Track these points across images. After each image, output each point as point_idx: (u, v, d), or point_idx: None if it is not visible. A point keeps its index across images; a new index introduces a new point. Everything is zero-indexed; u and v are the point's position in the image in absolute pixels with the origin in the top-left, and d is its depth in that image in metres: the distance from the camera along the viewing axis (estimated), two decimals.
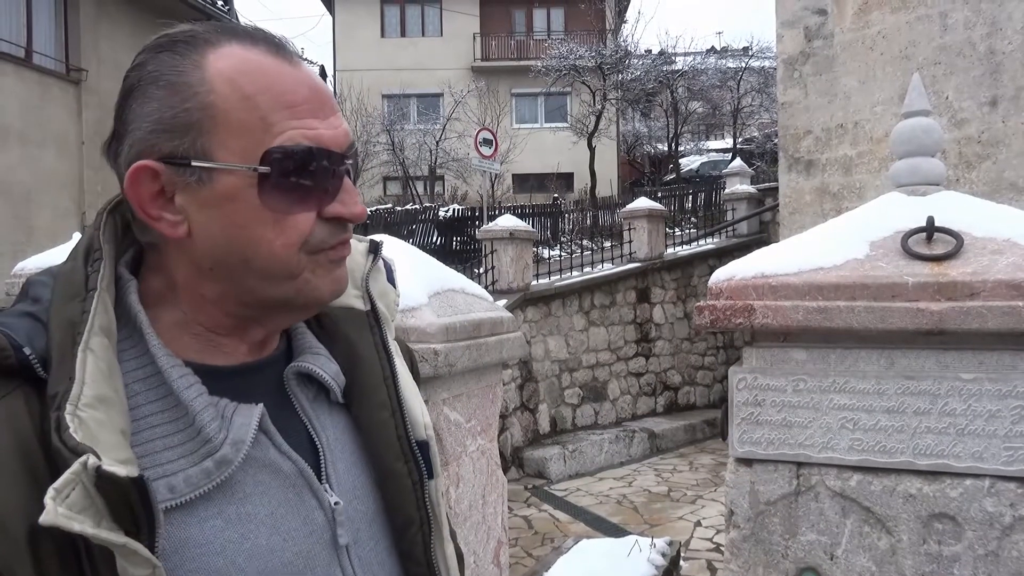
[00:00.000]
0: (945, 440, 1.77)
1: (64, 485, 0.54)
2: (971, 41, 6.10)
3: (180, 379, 0.66)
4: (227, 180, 0.65)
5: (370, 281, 0.85)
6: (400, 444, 0.79)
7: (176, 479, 0.64)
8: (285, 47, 0.69)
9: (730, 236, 11.62)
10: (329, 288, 0.72)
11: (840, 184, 7.12)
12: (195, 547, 0.64)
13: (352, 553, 0.74)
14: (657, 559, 3.91)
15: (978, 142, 6.08)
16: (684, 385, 10.18)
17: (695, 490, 7.09)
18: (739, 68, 22.33)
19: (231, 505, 0.67)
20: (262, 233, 0.67)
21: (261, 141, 0.65)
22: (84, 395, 0.59)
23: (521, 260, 8.40)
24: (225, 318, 0.71)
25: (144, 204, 0.67)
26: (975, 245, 1.83)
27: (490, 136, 13.16)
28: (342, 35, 25.10)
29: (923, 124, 2.05)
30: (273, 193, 0.66)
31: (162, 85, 0.66)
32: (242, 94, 0.65)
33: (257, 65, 0.67)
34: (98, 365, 0.61)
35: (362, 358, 0.80)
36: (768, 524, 1.96)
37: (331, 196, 0.69)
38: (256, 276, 0.68)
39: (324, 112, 0.69)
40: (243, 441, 0.67)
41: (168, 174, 0.66)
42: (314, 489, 0.73)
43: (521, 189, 22.54)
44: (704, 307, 2.01)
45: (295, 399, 0.76)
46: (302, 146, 0.66)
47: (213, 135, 0.65)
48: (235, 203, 0.66)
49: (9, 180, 8.83)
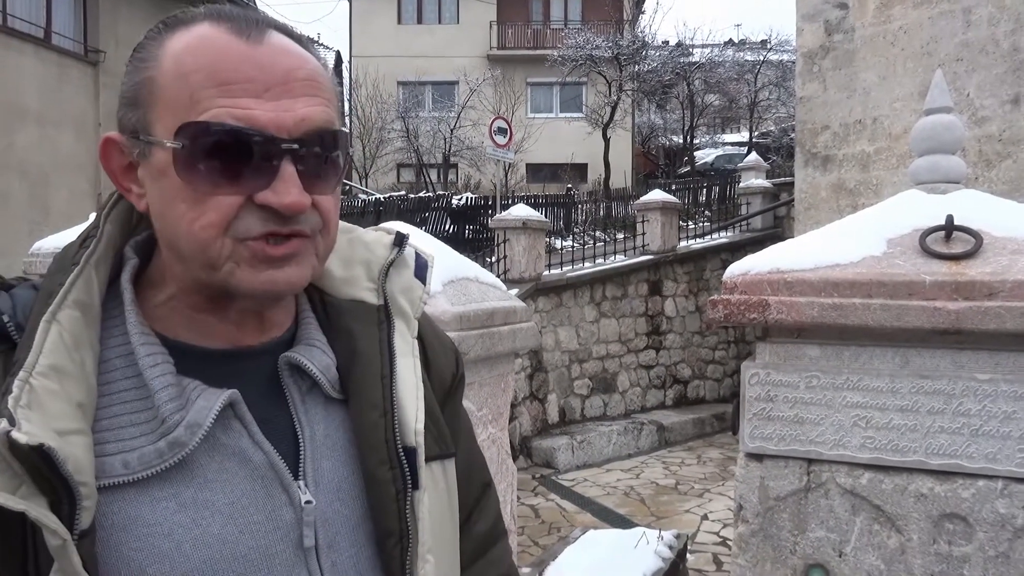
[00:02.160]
0: (959, 440, 1.76)
1: None
2: (995, 38, 6.02)
3: (147, 356, 0.66)
4: (159, 155, 0.66)
5: (391, 275, 0.81)
6: (387, 448, 0.74)
7: (131, 456, 0.64)
8: (254, 27, 0.67)
9: (744, 230, 11.55)
10: (258, 285, 0.67)
11: (857, 180, 7.07)
12: (143, 526, 0.63)
13: (323, 556, 0.70)
14: (664, 551, 3.92)
15: (999, 140, 6.01)
16: (694, 379, 10.16)
17: (703, 484, 7.10)
18: (757, 61, 22.13)
19: (188, 489, 0.66)
20: (182, 212, 0.65)
21: (185, 117, 0.64)
22: (39, 364, 0.60)
23: (533, 250, 8.39)
24: (195, 296, 0.70)
25: (116, 175, 0.70)
26: (994, 245, 1.82)
27: (505, 125, 13.13)
28: (358, 21, 25.06)
29: (944, 121, 2.03)
30: (189, 170, 0.64)
31: (133, 60, 0.69)
32: (179, 71, 0.65)
33: (206, 43, 0.66)
34: (62, 337, 0.62)
35: (360, 353, 0.76)
36: (777, 520, 1.96)
37: (263, 182, 0.65)
38: (186, 255, 0.67)
39: (273, 93, 0.65)
40: (199, 425, 0.65)
41: (127, 146, 0.68)
42: (285, 484, 0.70)
43: (535, 179, 22.51)
44: (718, 301, 2.01)
45: (287, 390, 0.73)
46: (221, 124, 0.63)
47: (152, 110, 0.66)
48: (165, 179, 0.66)
49: (27, 160, 8.90)
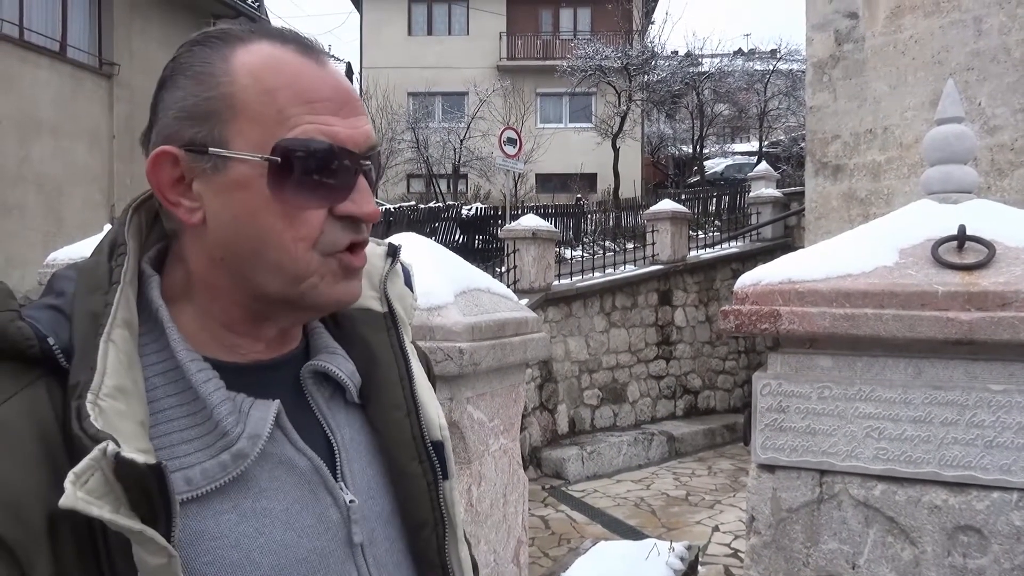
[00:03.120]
0: (972, 452, 1.75)
1: (84, 470, 0.55)
2: (1006, 47, 6.00)
3: (199, 373, 0.67)
4: (240, 168, 0.67)
5: (388, 284, 0.85)
6: (415, 444, 0.79)
7: (193, 471, 0.65)
8: (313, 47, 0.71)
9: (754, 240, 11.53)
10: (337, 297, 0.71)
11: (868, 190, 7.04)
12: (210, 540, 0.65)
13: (367, 552, 0.74)
14: (675, 563, 3.90)
15: (1011, 149, 5.98)
16: (704, 389, 10.12)
17: (714, 495, 7.05)
18: (767, 71, 22.13)
19: (247, 500, 0.67)
20: (272, 223, 0.67)
21: (275, 133, 0.66)
22: (105, 385, 0.60)
23: (543, 260, 8.40)
24: (237, 311, 0.72)
25: (164, 189, 0.69)
26: (1007, 255, 1.81)
27: (514, 135, 13.17)
28: (369, 33, 25.25)
29: (956, 131, 2.03)
30: (282, 185, 0.66)
31: (190, 75, 0.68)
32: (263, 87, 0.67)
33: (281, 61, 0.68)
34: (119, 357, 0.62)
35: (378, 359, 0.80)
36: (789, 531, 1.95)
37: (344, 195, 0.69)
38: (265, 269, 0.68)
39: (345, 111, 0.69)
40: (259, 435, 0.67)
41: (187, 160, 0.67)
42: (329, 487, 0.73)
43: (544, 189, 22.53)
44: (729, 311, 2.00)
45: (311, 398, 0.76)
46: (315, 140, 0.67)
47: (231, 124, 0.67)
48: (246, 191, 0.67)
49: (42, 172, 9.00)
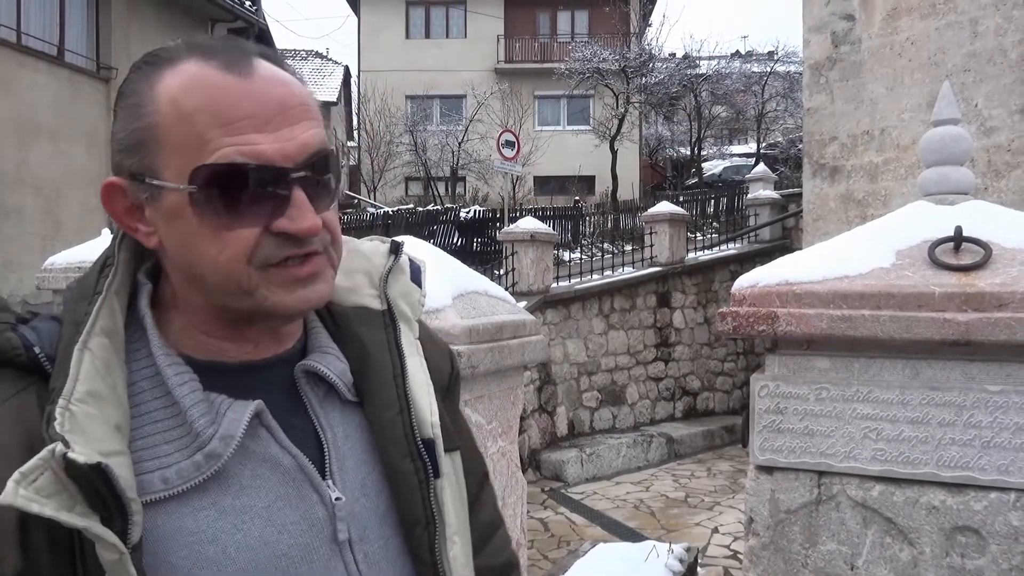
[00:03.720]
0: (970, 452, 1.75)
1: (31, 470, 0.58)
2: (1002, 48, 6.02)
3: (175, 376, 0.70)
4: (171, 198, 0.68)
5: (390, 281, 0.86)
6: (407, 442, 0.79)
7: (169, 471, 0.67)
8: (241, 59, 0.69)
9: (752, 242, 11.54)
10: (292, 304, 0.71)
11: (865, 191, 7.05)
12: (188, 535, 0.67)
13: (356, 549, 0.75)
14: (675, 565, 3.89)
15: (1008, 150, 5.99)
16: (703, 391, 10.12)
17: (713, 496, 7.05)
18: (764, 73, 22.15)
19: (227, 497, 0.69)
20: (205, 248, 0.68)
21: (195, 159, 0.66)
22: (76, 391, 0.62)
23: (542, 262, 8.40)
24: (213, 321, 0.73)
25: (120, 216, 0.71)
26: (1004, 256, 1.81)
27: (512, 138, 13.19)
28: (367, 36, 25.26)
29: (952, 133, 2.03)
30: (206, 210, 0.66)
31: (123, 106, 0.70)
32: (181, 113, 0.66)
33: (201, 82, 0.67)
34: (94, 363, 0.65)
35: (372, 357, 0.81)
36: (788, 533, 1.95)
37: (278, 211, 0.68)
38: (214, 288, 0.70)
39: (274, 125, 0.67)
40: (232, 436, 0.69)
41: (131, 190, 0.70)
42: (315, 484, 0.74)
43: (542, 191, 22.54)
44: (727, 313, 2.01)
45: (305, 397, 0.77)
46: (233, 162, 0.65)
47: (159, 155, 0.67)
48: (179, 219, 0.68)
49: (39, 175, 8.99)
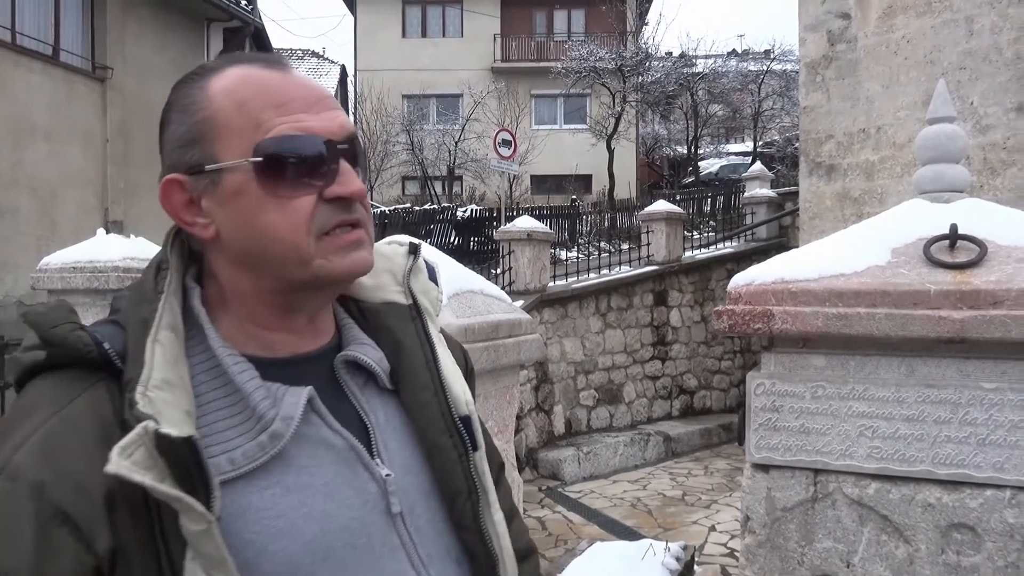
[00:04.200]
0: (966, 450, 1.76)
1: (128, 444, 0.64)
2: (997, 46, 6.03)
3: (235, 366, 0.75)
4: (233, 177, 0.75)
5: (411, 279, 0.92)
6: (444, 420, 0.85)
7: (235, 453, 0.73)
8: (278, 60, 0.80)
9: (749, 240, 11.55)
10: (348, 267, 0.78)
11: (862, 189, 7.06)
12: (256, 512, 0.72)
13: (407, 522, 0.81)
14: (671, 563, 3.90)
15: (1003, 148, 6.00)
16: (700, 389, 10.13)
17: (710, 495, 7.06)
18: (760, 71, 22.17)
19: (288, 476, 0.75)
20: (268, 219, 0.75)
21: (254, 138, 0.74)
22: (153, 378, 0.68)
23: (538, 261, 8.40)
24: (265, 308, 0.80)
25: (179, 212, 0.78)
26: (999, 253, 1.81)
27: (509, 137, 13.18)
28: (363, 35, 25.23)
29: (947, 131, 2.03)
30: (270, 180, 0.74)
31: (177, 110, 0.78)
32: (236, 102, 0.75)
33: (250, 77, 0.77)
34: (165, 355, 0.71)
35: (404, 346, 0.87)
36: (784, 531, 1.95)
37: (329, 179, 0.76)
38: (275, 262, 0.76)
39: (316, 108, 0.77)
40: (292, 417, 0.75)
41: (190, 183, 0.77)
42: (365, 463, 0.80)
43: (539, 190, 22.54)
44: (723, 312, 2.01)
45: (346, 386, 0.83)
46: (291, 135, 0.75)
47: (217, 141, 0.75)
48: (243, 196, 0.75)
49: (35, 176, 8.96)
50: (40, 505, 0.65)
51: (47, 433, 0.68)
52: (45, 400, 0.70)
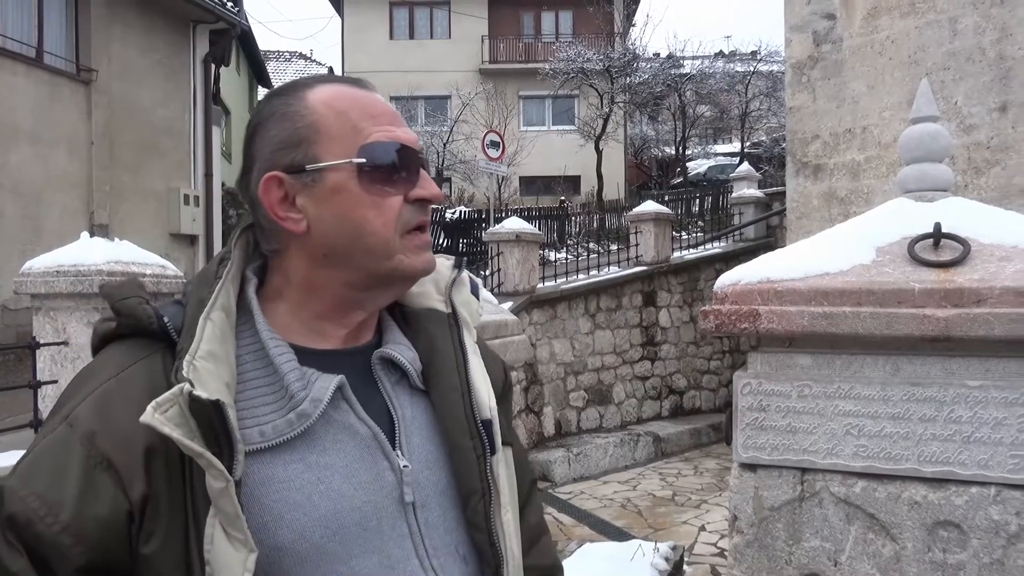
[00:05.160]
0: (951, 447, 1.76)
1: (164, 401, 0.72)
2: (981, 47, 6.08)
3: (275, 348, 0.83)
4: (334, 176, 0.85)
5: (453, 290, 0.99)
6: (467, 422, 0.91)
7: (266, 427, 0.80)
8: (360, 80, 0.91)
9: (737, 240, 11.59)
10: (421, 266, 0.89)
11: (848, 189, 7.10)
12: (279, 482, 0.79)
13: (419, 513, 0.86)
14: (661, 563, 3.90)
15: (987, 148, 6.05)
16: (690, 389, 10.15)
17: (700, 494, 7.07)
18: (747, 72, 22.26)
19: (312, 454, 0.81)
20: (364, 214, 0.85)
21: (355, 142, 0.85)
22: (200, 350, 0.77)
23: (527, 262, 8.40)
24: (331, 302, 0.88)
25: (274, 207, 0.86)
26: (982, 252, 1.83)
27: (497, 138, 13.18)
28: (351, 37, 25.16)
29: (931, 130, 2.04)
30: (370, 180, 0.85)
31: (277, 118, 0.87)
32: (336, 111, 0.86)
33: (344, 92, 0.88)
34: (214, 331, 0.79)
35: (439, 349, 0.94)
36: (772, 530, 1.96)
37: (413, 183, 0.88)
38: (363, 253, 0.85)
39: (397, 123, 0.89)
40: (320, 400, 0.82)
41: (289, 181, 0.85)
42: (386, 452, 0.86)
43: (528, 192, 22.54)
44: (709, 312, 2.01)
45: (379, 380, 0.90)
46: (387, 142, 0.86)
47: (319, 144, 0.85)
48: (342, 193, 0.85)
49: (19, 179, 8.88)
50: (90, 451, 0.75)
51: (104, 391, 0.78)
52: (110, 363, 0.81)
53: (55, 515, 0.72)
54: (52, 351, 3.50)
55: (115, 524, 0.74)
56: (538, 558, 1.06)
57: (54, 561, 0.72)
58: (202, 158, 11.82)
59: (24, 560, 0.72)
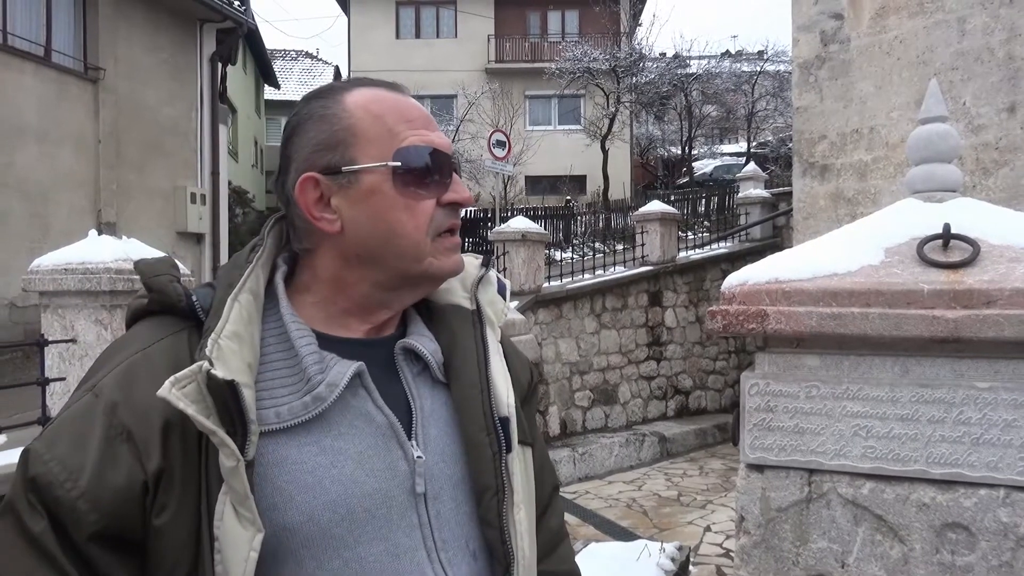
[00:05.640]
0: (960, 449, 1.76)
1: (183, 377, 0.74)
2: (989, 47, 6.05)
3: (297, 331, 0.85)
4: (369, 178, 0.86)
5: (480, 289, 1.00)
6: (485, 418, 0.91)
7: (282, 408, 0.81)
8: (396, 85, 0.93)
9: (743, 240, 11.57)
10: (450, 267, 0.91)
11: (855, 189, 7.08)
12: (291, 464, 0.80)
13: (430, 504, 0.86)
14: (667, 564, 3.89)
15: (995, 148, 6.02)
16: (695, 389, 10.14)
17: (705, 495, 7.06)
18: (754, 72, 22.21)
19: (327, 438, 0.82)
20: (398, 216, 0.86)
21: (391, 145, 0.86)
22: (226, 330, 0.78)
23: (533, 262, 8.40)
24: (358, 300, 0.90)
25: (310, 207, 0.87)
26: (992, 253, 1.82)
27: (503, 138, 13.17)
28: (357, 36, 25.19)
29: (940, 130, 2.03)
30: (404, 183, 0.86)
31: (315, 120, 0.88)
32: (373, 115, 0.87)
33: (381, 96, 0.89)
34: (241, 313, 0.81)
35: (461, 345, 0.94)
36: (779, 531, 1.95)
37: (445, 186, 0.89)
38: (395, 254, 0.87)
39: (431, 127, 0.90)
40: (336, 384, 0.82)
41: (325, 182, 0.87)
42: (401, 441, 0.86)
43: (534, 191, 22.53)
44: (717, 312, 2.00)
45: (401, 371, 0.91)
46: (422, 147, 0.87)
47: (355, 146, 0.86)
48: (377, 195, 0.86)
49: (26, 178, 8.91)
50: (112, 421, 0.76)
51: (130, 365, 0.80)
52: (138, 338, 0.83)
53: (74, 480, 0.74)
54: (60, 348, 3.51)
55: (130, 494, 0.75)
56: (557, 564, 1.07)
57: (70, 525, 0.74)
58: (209, 157, 11.85)
59: (45, 522, 0.74)
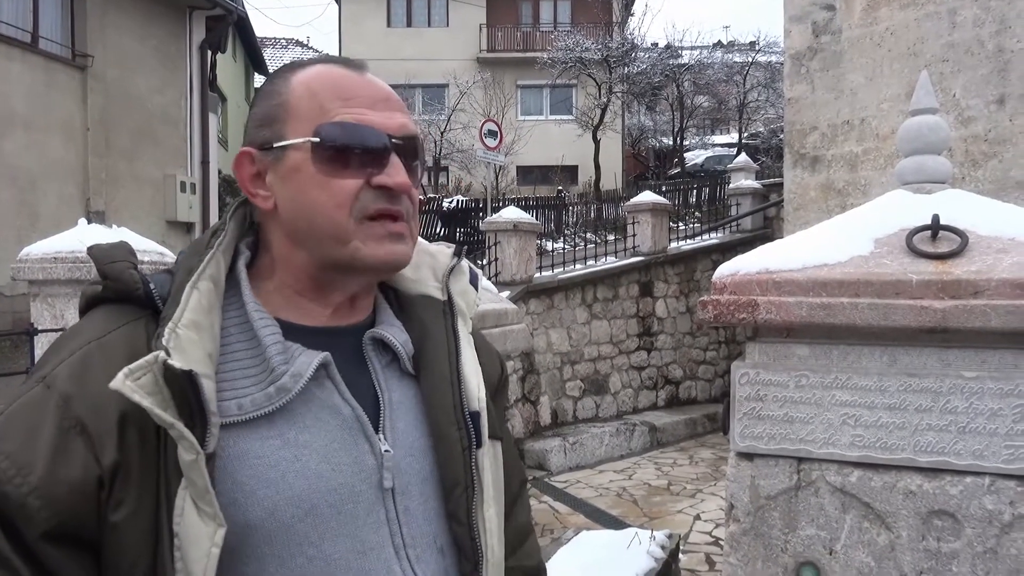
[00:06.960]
0: (946, 438, 1.78)
1: (137, 368, 0.70)
2: (979, 39, 6.07)
3: (260, 321, 0.82)
4: (293, 155, 0.83)
5: (451, 279, 0.97)
6: (455, 412, 0.89)
7: (244, 400, 0.78)
8: (359, 64, 0.89)
9: (734, 231, 11.60)
10: (381, 257, 0.84)
11: (845, 180, 7.11)
12: (254, 458, 0.77)
13: (398, 500, 0.84)
14: (656, 552, 3.93)
15: (985, 140, 6.06)
16: (685, 379, 10.19)
17: (695, 484, 7.11)
18: (746, 63, 22.21)
19: (291, 431, 0.79)
20: (316, 195, 0.82)
21: (317, 122, 0.83)
22: (184, 318, 0.75)
23: (524, 252, 8.40)
24: (308, 281, 0.86)
25: (245, 182, 0.86)
26: (980, 244, 1.83)
27: (495, 128, 13.14)
28: (348, 24, 25.03)
29: (930, 122, 2.05)
30: (322, 159, 0.82)
31: (262, 95, 0.88)
32: (309, 91, 0.84)
33: (328, 72, 0.86)
34: (200, 301, 0.78)
35: (431, 336, 0.92)
36: (768, 518, 1.97)
37: (378, 168, 0.83)
38: (319, 237, 0.83)
39: (380, 107, 0.85)
40: (301, 375, 0.79)
41: (259, 157, 0.85)
42: (368, 435, 0.83)
43: (525, 181, 22.50)
44: (708, 302, 2.02)
45: (369, 362, 0.88)
46: (347, 123, 0.82)
47: (287, 124, 0.84)
48: (299, 173, 0.83)
49: (14, 166, 8.84)
50: (65, 413, 0.72)
51: (84, 355, 0.75)
52: (93, 327, 0.79)
53: (24, 476, 0.70)
54: (50, 337, 3.50)
55: (85, 490, 0.71)
56: (523, 559, 1.05)
57: (20, 523, 0.69)
58: (198, 145, 11.78)
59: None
